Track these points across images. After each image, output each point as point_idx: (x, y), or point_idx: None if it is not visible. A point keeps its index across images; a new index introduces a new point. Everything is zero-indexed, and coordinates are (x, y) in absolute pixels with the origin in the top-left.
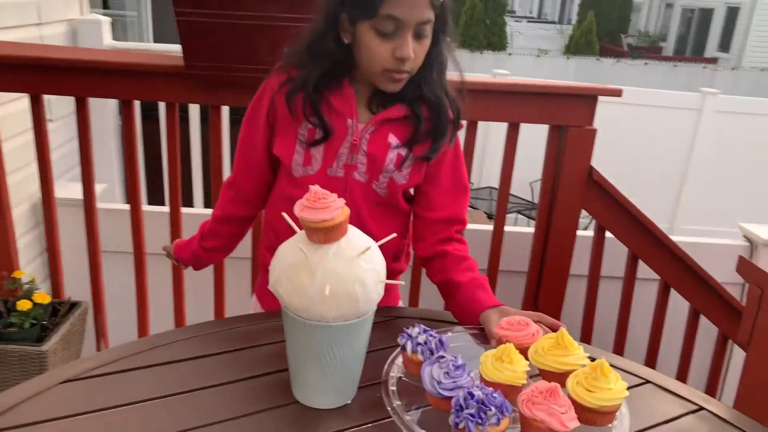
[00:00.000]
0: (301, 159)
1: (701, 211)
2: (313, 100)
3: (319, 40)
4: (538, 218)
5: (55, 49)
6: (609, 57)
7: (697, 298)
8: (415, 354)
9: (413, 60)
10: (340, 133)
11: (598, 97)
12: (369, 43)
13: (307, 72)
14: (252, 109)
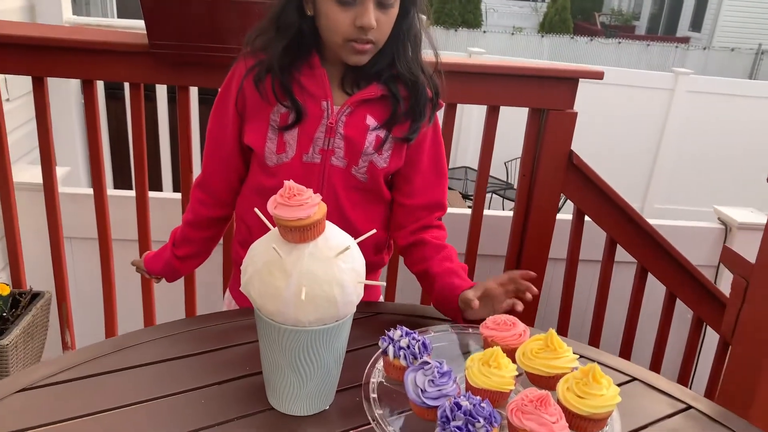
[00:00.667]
0: (274, 146)
1: (673, 191)
2: (282, 80)
3: (281, 13)
4: (516, 202)
5: (9, 25)
6: (583, 35)
7: (673, 281)
8: (398, 359)
9: (377, 30)
10: (314, 116)
11: (579, 80)
12: (328, 12)
13: (272, 50)
14: (219, 99)
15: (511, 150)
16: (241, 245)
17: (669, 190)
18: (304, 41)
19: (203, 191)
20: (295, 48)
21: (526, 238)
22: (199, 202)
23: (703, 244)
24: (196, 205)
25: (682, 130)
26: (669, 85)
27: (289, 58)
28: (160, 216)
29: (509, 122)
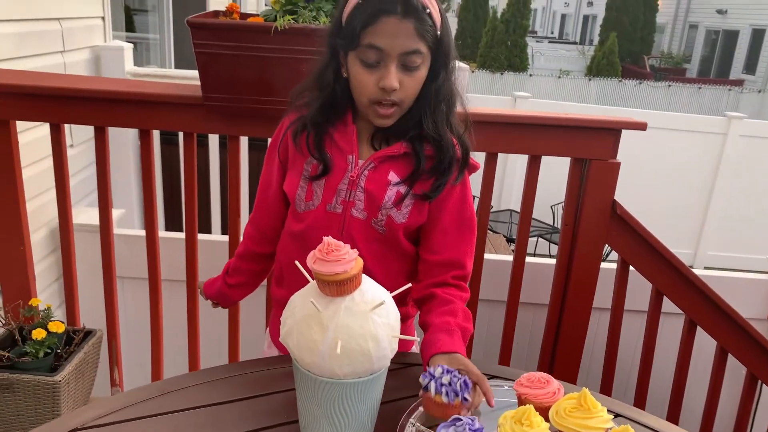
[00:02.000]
0: (304, 194)
1: (726, 237)
2: (315, 135)
3: (321, 73)
4: (559, 251)
5: (76, 79)
6: (631, 79)
7: (724, 335)
8: (439, 395)
9: (401, 91)
10: (340, 168)
11: (621, 131)
12: (355, 74)
13: (310, 107)
14: (270, 148)
15: (557, 193)
16: (277, 283)
17: (722, 236)
18: (338, 101)
19: (253, 228)
20: (329, 106)
21: (569, 288)
22: (249, 237)
23: (756, 296)
24: (246, 240)
25: (735, 176)
26: (721, 129)
27: (323, 115)
28: (209, 257)
29: (555, 165)
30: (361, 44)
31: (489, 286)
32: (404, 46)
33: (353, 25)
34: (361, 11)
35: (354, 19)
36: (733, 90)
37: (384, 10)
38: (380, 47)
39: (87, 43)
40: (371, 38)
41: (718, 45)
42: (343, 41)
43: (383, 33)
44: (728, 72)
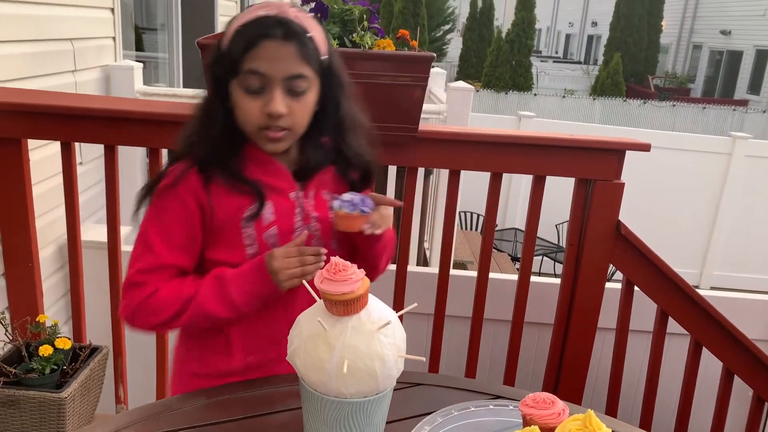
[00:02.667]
0: (256, 250)
1: (732, 257)
2: (231, 171)
3: (209, 107)
4: (564, 271)
5: (86, 99)
6: (636, 98)
7: (730, 356)
8: (342, 210)
9: (290, 117)
10: (287, 210)
11: (625, 152)
12: (239, 102)
13: (204, 147)
14: (176, 222)
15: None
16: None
17: (728, 256)
18: (234, 134)
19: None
20: (225, 141)
21: (574, 307)
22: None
23: (762, 317)
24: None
25: (740, 195)
26: (726, 149)
27: (221, 151)
28: None
29: (559, 184)
30: (242, 70)
31: (494, 306)
32: (288, 70)
33: (233, 52)
34: (242, 37)
35: (234, 46)
36: (737, 110)
37: (264, 34)
38: (262, 72)
39: (98, 63)
40: (252, 63)
41: (722, 65)
42: (223, 70)
43: (264, 57)
44: (733, 92)
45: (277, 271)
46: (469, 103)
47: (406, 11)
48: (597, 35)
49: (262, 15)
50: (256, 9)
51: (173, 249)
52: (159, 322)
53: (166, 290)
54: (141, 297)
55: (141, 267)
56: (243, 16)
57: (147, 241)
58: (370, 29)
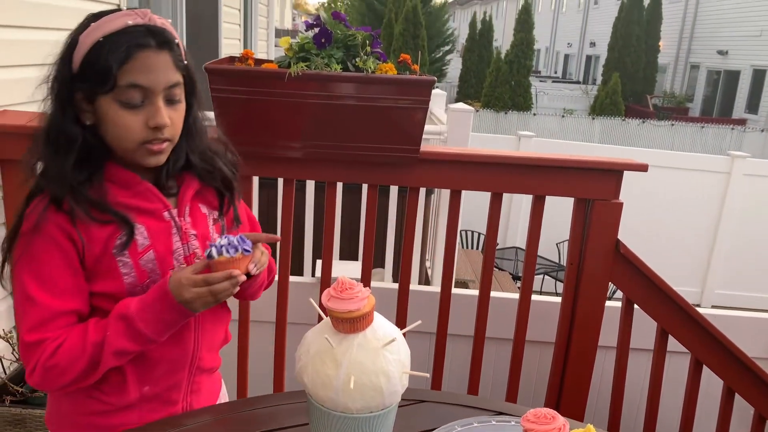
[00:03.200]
0: (135, 278)
1: (733, 276)
2: (89, 198)
3: (58, 126)
4: (565, 290)
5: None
6: (635, 117)
7: (731, 375)
8: (222, 255)
9: (171, 127)
10: (162, 231)
11: (623, 172)
12: (116, 118)
13: (57, 172)
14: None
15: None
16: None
17: (729, 275)
18: (93, 152)
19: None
20: (84, 161)
21: (575, 326)
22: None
23: (763, 335)
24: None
25: (740, 214)
26: (725, 168)
27: (82, 173)
28: None
29: (559, 204)
30: (118, 85)
31: (496, 324)
32: (168, 80)
33: (103, 66)
34: (109, 50)
35: (101, 59)
36: (736, 129)
37: (138, 44)
38: (143, 85)
39: None
40: (131, 76)
41: (720, 85)
42: (90, 85)
43: (143, 69)
44: (731, 111)
45: (190, 301)
46: (469, 123)
47: (407, 33)
48: (595, 55)
49: (131, 24)
50: (118, 17)
51: (58, 295)
52: (73, 377)
53: (70, 342)
54: (44, 356)
55: (30, 325)
56: (101, 25)
57: (27, 294)
58: (372, 54)
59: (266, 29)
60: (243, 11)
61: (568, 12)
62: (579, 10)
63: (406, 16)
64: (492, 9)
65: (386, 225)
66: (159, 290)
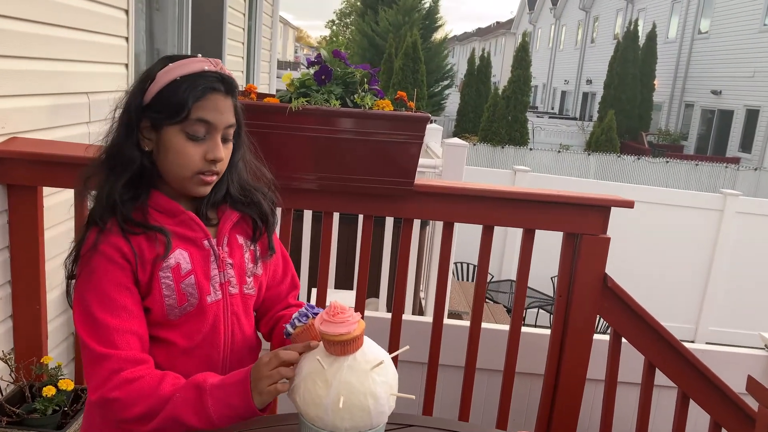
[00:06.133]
0: (175, 301)
1: (727, 313)
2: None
3: (120, 148)
4: (554, 322)
5: (101, 150)
6: (630, 154)
7: (717, 409)
8: (299, 326)
9: (222, 162)
10: (202, 258)
11: (611, 208)
12: (179, 147)
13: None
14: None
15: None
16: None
17: (723, 312)
18: (145, 175)
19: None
20: (135, 183)
21: (563, 358)
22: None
23: (751, 371)
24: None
25: (732, 252)
26: (717, 206)
27: (129, 192)
28: None
29: (554, 238)
30: (189, 118)
31: (487, 356)
32: (227, 121)
33: (179, 100)
34: (189, 87)
35: (178, 95)
36: (729, 167)
37: (212, 87)
38: (210, 121)
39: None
40: (201, 113)
41: (714, 124)
42: (162, 115)
43: (211, 108)
44: (725, 149)
45: (259, 379)
46: (464, 158)
47: (406, 68)
48: (592, 92)
49: (207, 69)
50: (196, 62)
51: (117, 312)
52: (129, 417)
53: (143, 382)
54: (113, 382)
55: (97, 340)
56: (179, 66)
57: (90, 312)
58: (370, 90)
59: (268, 62)
60: (246, 44)
61: (565, 50)
62: (576, 48)
63: (406, 51)
64: (490, 45)
65: (381, 255)
66: (241, 374)
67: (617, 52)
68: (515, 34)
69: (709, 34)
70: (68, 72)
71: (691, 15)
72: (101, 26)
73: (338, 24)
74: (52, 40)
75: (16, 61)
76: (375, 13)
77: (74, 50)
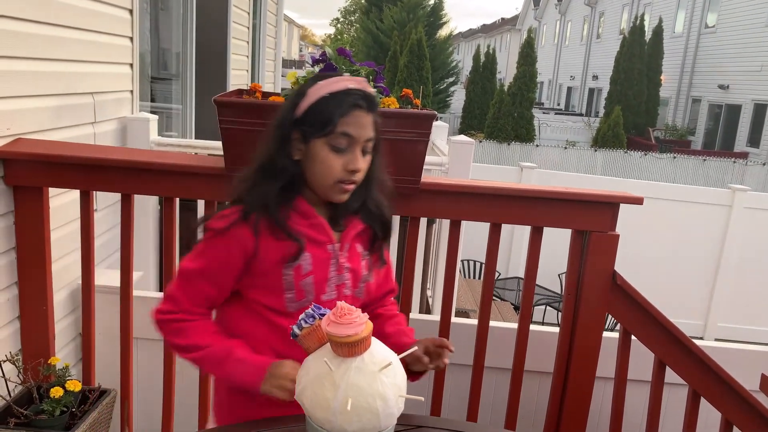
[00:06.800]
0: (294, 296)
1: (737, 309)
2: (279, 220)
3: (273, 157)
4: (563, 320)
5: (105, 150)
6: (637, 150)
7: (728, 407)
8: (306, 327)
9: (361, 172)
10: (324, 260)
11: (620, 204)
12: (324, 158)
13: (263, 195)
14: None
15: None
16: None
17: (732, 308)
18: (294, 182)
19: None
20: (288, 190)
21: (573, 356)
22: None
23: (762, 368)
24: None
25: (741, 247)
26: (726, 201)
27: (281, 198)
28: None
29: (562, 235)
30: (335, 132)
31: (495, 354)
32: (367, 135)
33: (327, 115)
34: (336, 103)
35: (326, 110)
36: (737, 162)
37: (357, 104)
38: (351, 135)
39: (116, 115)
40: (345, 127)
41: (722, 118)
42: (312, 129)
43: (354, 123)
44: (732, 145)
45: (274, 375)
46: (470, 155)
47: (411, 65)
48: (598, 88)
49: (352, 87)
50: (343, 80)
51: (207, 281)
52: (175, 344)
53: (196, 326)
54: (174, 318)
55: (179, 285)
56: (328, 84)
57: (188, 268)
58: (375, 88)
59: (273, 60)
60: (251, 43)
61: (571, 46)
62: (582, 43)
63: (411, 48)
64: (495, 42)
65: None
66: (264, 362)
67: (623, 47)
68: (520, 30)
69: (716, 29)
70: (73, 72)
71: (697, 9)
72: (106, 26)
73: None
74: (56, 40)
75: (21, 62)
76: (379, 11)
77: (79, 51)
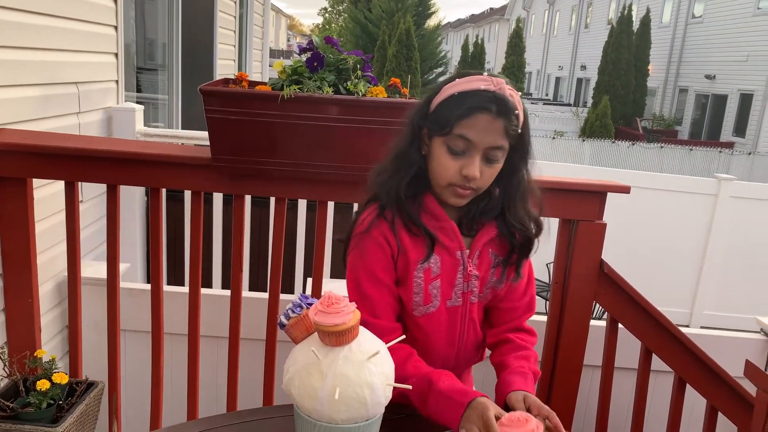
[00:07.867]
0: (422, 299)
1: (722, 298)
2: (411, 214)
3: (405, 151)
4: (550, 308)
5: (91, 140)
6: (625, 140)
7: (713, 393)
8: (292, 317)
9: (480, 180)
10: (452, 265)
11: (607, 193)
12: (440, 158)
13: (394, 188)
14: (377, 261)
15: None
16: None
17: (718, 296)
18: (421, 177)
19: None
20: (415, 183)
21: (560, 344)
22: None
23: (747, 355)
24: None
25: (727, 236)
26: (712, 190)
27: (409, 191)
28: (210, 311)
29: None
30: (452, 133)
31: None
32: (491, 142)
33: (447, 114)
34: (458, 103)
35: (448, 109)
36: (723, 152)
37: (481, 107)
38: (470, 139)
39: (101, 105)
40: (463, 129)
41: (708, 108)
42: (435, 126)
43: (475, 127)
44: (719, 134)
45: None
46: None
47: (400, 55)
48: (586, 78)
49: (482, 88)
50: (476, 80)
51: (381, 288)
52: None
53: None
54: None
55: (368, 312)
56: (461, 83)
57: (360, 286)
58: (363, 77)
59: (261, 50)
60: (238, 33)
61: (559, 36)
62: (570, 33)
63: (400, 38)
64: (484, 32)
65: None
66: (464, 397)
67: (611, 37)
68: (509, 20)
69: (703, 19)
70: (57, 62)
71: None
72: (89, 15)
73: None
74: (39, 29)
75: (3, 51)
76: (368, 0)
77: (62, 40)
